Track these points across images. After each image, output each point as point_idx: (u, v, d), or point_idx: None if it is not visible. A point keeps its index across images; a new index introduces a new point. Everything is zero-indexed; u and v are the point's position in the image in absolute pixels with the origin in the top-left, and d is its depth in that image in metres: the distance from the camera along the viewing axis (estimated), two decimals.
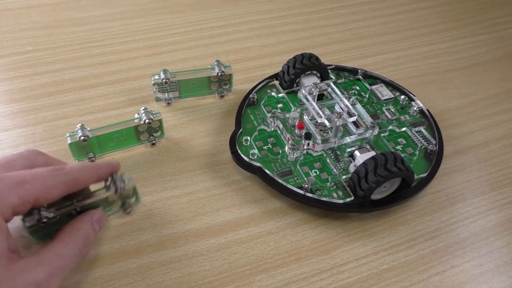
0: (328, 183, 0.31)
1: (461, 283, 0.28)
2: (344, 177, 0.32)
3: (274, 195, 0.32)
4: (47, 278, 0.23)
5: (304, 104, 0.35)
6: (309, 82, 0.38)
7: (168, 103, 0.39)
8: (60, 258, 0.24)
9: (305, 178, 0.32)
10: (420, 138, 0.35)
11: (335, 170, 0.32)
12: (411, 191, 0.31)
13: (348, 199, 0.30)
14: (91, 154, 0.33)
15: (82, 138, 0.32)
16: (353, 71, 0.42)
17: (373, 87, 0.40)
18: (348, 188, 0.31)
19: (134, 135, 0.34)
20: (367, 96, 0.39)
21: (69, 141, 0.32)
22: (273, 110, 0.37)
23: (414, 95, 0.39)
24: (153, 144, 0.35)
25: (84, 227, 0.25)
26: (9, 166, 0.25)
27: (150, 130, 0.35)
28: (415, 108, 0.38)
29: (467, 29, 0.52)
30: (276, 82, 0.40)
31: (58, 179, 0.24)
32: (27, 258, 0.23)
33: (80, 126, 0.32)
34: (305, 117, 0.35)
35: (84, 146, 0.33)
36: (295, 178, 0.32)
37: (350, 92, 0.40)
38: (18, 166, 0.25)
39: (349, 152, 0.34)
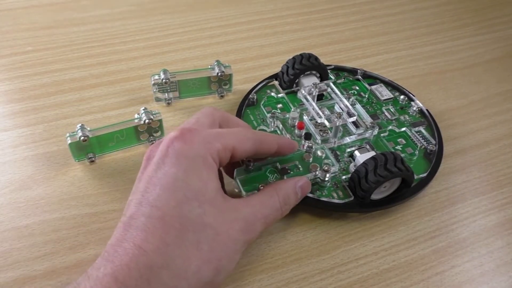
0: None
1: (461, 283, 0.28)
2: (344, 177, 0.32)
3: None
4: (253, 219, 0.25)
5: (303, 104, 0.35)
6: (309, 82, 0.38)
7: (168, 103, 0.39)
8: (264, 206, 0.26)
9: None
10: (420, 138, 0.35)
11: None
12: (411, 191, 0.31)
13: (348, 199, 0.30)
14: (91, 154, 0.33)
15: (82, 138, 0.32)
16: (353, 71, 0.42)
17: (373, 87, 0.40)
18: (348, 188, 0.31)
19: (134, 135, 0.34)
20: (366, 96, 0.39)
21: (69, 141, 0.32)
22: (273, 111, 0.37)
23: (413, 95, 0.39)
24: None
25: (287, 187, 0.28)
26: (199, 124, 0.27)
27: (150, 130, 0.35)
28: (414, 108, 0.38)
29: (467, 29, 0.52)
30: (276, 82, 0.40)
31: (248, 135, 0.27)
32: (237, 200, 0.25)
33: (80, 126, 0.32)
34: (305, 117, 0.35)
35: (84, 146, 0.33)
36: None
37: (350, 92, 0.40)
38: (206, 123, 0.27)
39: (349, 152, 0.34)
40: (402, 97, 0.39)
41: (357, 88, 0.40)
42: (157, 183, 0.22)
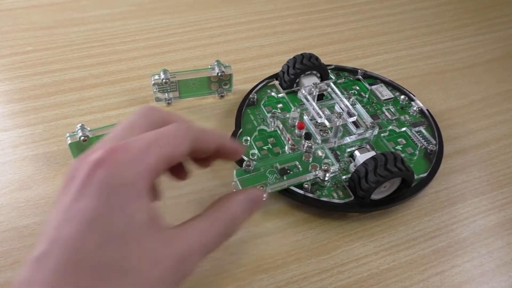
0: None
1: (461, 283, 0.28)
2: (344, 177, 0.32)
3: (274, 195, 0.32)
4: (189, 253, 0.21)
5: (304, 104, 0.35)
6: (309, 82, 0.38)
7: (168, 103, 0.39)
8: (204, 234, 0.22)
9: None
10: (420, 138, 0.35)
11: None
12: (411, 191, 0.31)
13: (348, 199, 0.30)
14: None
15: (82, 138, 0.32)
16: (353, 71, 0.42)
17: (373, 87, 0.40)
18: (348, 188, 0.31)
19: None
20: (367, 96, 0.39)
21: (69, 141, 0.32)
22: (273, 110, 0.37)
23: (414, 95, 0.39)
24: None
25: (234, 206, 0.24)
26: (134, 127, 0.23)
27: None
28: (415, 108, 0.38)
29: (467, 29, 0.52)
30: (276, 82, 0.40)
31: (184, 135, 0.23)
32: (168, 231, 0.21)
33: (80, 126, 0.32)
34: (305, 117, 0.35)
35: (84, 146, 0.33)
36: None
37: (350, 92, 0.40)
38: (142, 127, 0.23)
39: (349, 152, 0.34)
40: (402, 97, 0.39)
41: (358, 88, 0.40)
42: (74, 218, 0.19)
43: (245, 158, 0.32)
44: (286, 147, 0.33)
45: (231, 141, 0.26)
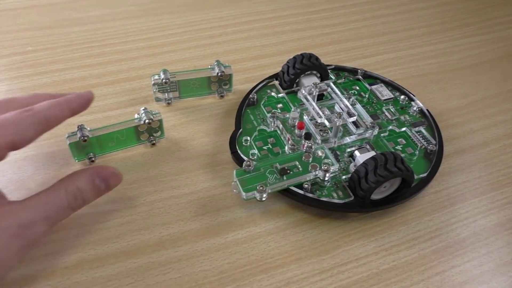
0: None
1: (461, 283, 0.28)
2: (344, 177, 0.32)
3: (274, 195, 0.32)
4: (30, 222, 0.23)
5: (304, 104, 0.35)
6: (309, 82, 0.38)
7: (168, 103, 0.39)
8: (46, 206, 0.23)
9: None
10: (420, 138, 0.35)
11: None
12: (411, 191, 0.31)
13: (348, 199, 0.30)
14: (91, 154, 0.33)
15: (82, 138, 0.32)
16: (353, 71, 0.42)
17: (373, 87, 0.40)
18: (348, 188, 0.31)
19: (134, 135, 0.34)
20: (367, 96, 0.39)
21: (69, 141, 0.32)
22: (273, 110, 0.37)
23: (414, 95, 0.39)
24: (153, 144, 0.35)
25: (80, 179, 0.25)
26: None
27: (150, 130, 0.35)
28: (415, 108, 0.38)
29: (467, 29, 0.52)
30: (276, 82, 0.40)
31: (29, 121, 0.24)
32: (11, 204, 0.23)
33: (80, 126, 0.32)
34: (305, 117, 0.35)
35: (84, 146, 0.33)
36: None
37: (350, 92, 0.40)
38: None
39: (349, 152, 0.34)
40: (402, 97, 0.39)
41: (358, 88, 0.40)
42: None
43: (245, 158, 0.32)
44: (286, 147, 0.33)
45: (76, 98, 0.27)
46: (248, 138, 0.34)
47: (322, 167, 0.30)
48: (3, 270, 0.22)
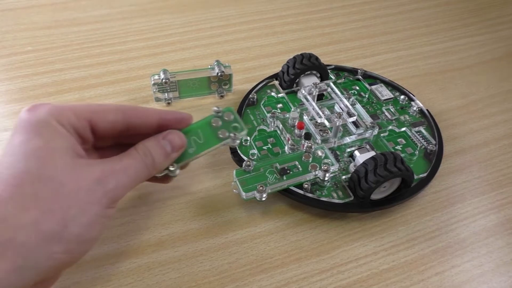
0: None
1: (461, 283, 0.28)
2: (344, 177, 0.32)
3: (274, 195, 0.32)
4: (110, 169, 0.23)
5: (303, 104, 0.35)
6: (309, 82, 0.38)
7: (168, 103, 0.39)
8: (122, 160, 0.24)
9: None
10: (420, 138, 0.35)
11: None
12: (411, 191, 0.31)
13: (348, 199, 0.30)
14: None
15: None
16: (353, 71, 0.42)
17: (373, 87, 0.40)
18: (348, 188, 0.31)
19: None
20: (366, 96, 0.39)
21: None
22: (272, 110, 0.37)
23: (413, 95, 0.39)
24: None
25: (147, 142, 0.26)
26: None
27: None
28: (414, 108, 0.38)
29: (467, 29, 0.52)
30: (276, 82, 0.40)
31: (110, 106, 0.26)
32: (91, 159, 0.24)
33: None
34: (305, 117, 0.35)
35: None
36: None
37: (350, 92, 0.40)
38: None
39: (349, 152, 0.34)
40: (402, 97, 0.39)
41: (357, 88, 0.40)
42: (4, 152, 0.23)
43: (245, 158, 0.32)
44: (286, 147, 0.33)
45: (175, 113, 0.27)
46: (248, 138, 0.34)
47: (322, 167, 0.30)
48: (84, 214, 0.22)
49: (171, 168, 0.27)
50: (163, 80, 0.37)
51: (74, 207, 0.22)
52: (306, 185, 0.31)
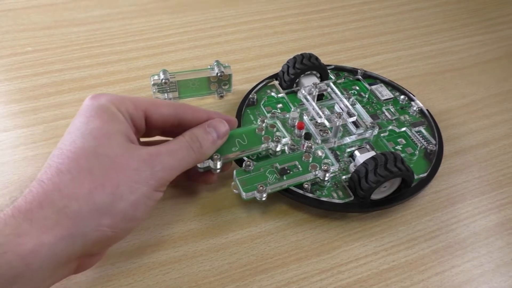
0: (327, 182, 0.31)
1: (461, 283, 0.28)
2: (344, 177, 0.32)
3: (274, 195, 0.32)
4: (157, 152, 0.25)
5: (303, 104, 0.35)
6: (309, 82, 0.38)
7: None
8: (170, 145, 0.26)
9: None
10: (420, 138, 0.35)
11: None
12: (411, 191, 0.31)
13: (348, 199, 0.30)
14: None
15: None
16: (353, 71, 0.42)
17: (373, 87, 0.40)
18: (348, 188, 0.31)
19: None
20: (366, 96, 0.39)
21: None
22: (272, 110, 0.37)
23: (413, 95, 0.39)
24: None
25: (194, 129, 0.28)
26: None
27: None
28: (414, 108, 0.38)
29: (467, 29, 0.52)
30: (276, 82, 0.40)
31: (168, 101, 0.28)
32: (142, 145, 0.26)
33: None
34: (305, 117, 0.35)
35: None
36: None
37: (350, 92, 0.40)
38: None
39: (349, 152, 0.34)
40: (402, 97, 0.39)
41: (357, 88, 0.40)
42: (66, 132, 0.25)
43: (245, 158, 0.32)
44: (286, 147, 0.33)
45: (222, 116, 0.30)
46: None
47: (322, 167, 0.30)
48: (132, 192, 0.24)
49: (215, 161, 0.29)
50: (163, 81, 0.37)
51: (123, 185, 0.23)
52: (306, 185, 0.31)
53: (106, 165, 0.23)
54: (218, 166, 0.30)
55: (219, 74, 0.38)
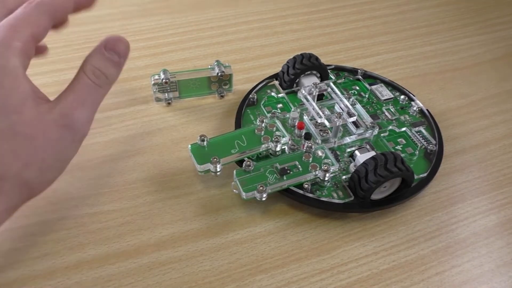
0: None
1: (461, 283, 0.28)
2: (344, 177, 0.32)
3: (274, 195, 0.32)
4: (70, 111, 0.25)
5: (304, 104, 0.35)
6: (309, 82, 0.38)
7: (168, 103, 0.39)
8: (76, 92, 0.25)
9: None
10: (420, 138, 0.35)
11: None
12: (411, 191, 0.31)
13: (348, 199, 0.30)
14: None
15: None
16: (353, 71, 0.42)
17: (373, 87, 0.40)
18: (348, 188, 0.31)
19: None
20: (366, 96, 0.39)
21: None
22: (273, 110, 0.37)
23: (414, 95, 0.39)
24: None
25: (91, 57, 0.27)
26: None
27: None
28: (415, 108, 0.38)
29: (467, 29, 0.52)
30: (276, 82, 0.40)
31: (37, 11, 0.25)
32: (50, 101, 0.25)
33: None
34: (305, 117, 0.35)
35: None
36: None
37: (350, 92, 0.40)
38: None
39: (349, 152, 0.34)
40: (402, 97, 0.39)
41: (357, 88, 0.40)
42: None
43: (245, 158, 0.32)
44: (286, 147, 0.33)
45: None
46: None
47: (322, 167, 0.30)
48: (59, 161, 0.25)
49: (215, 164, 0.30)
50: (163, 80, 0.37)
51: (48, 158, 0.24)
52: (306, 185, 0.31)
53: (27, 143, 0.23)
54: (218, 169, 0.30)
55: (219, 74, 0.38)
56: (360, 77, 0.41)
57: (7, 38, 0.23)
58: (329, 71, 0.41)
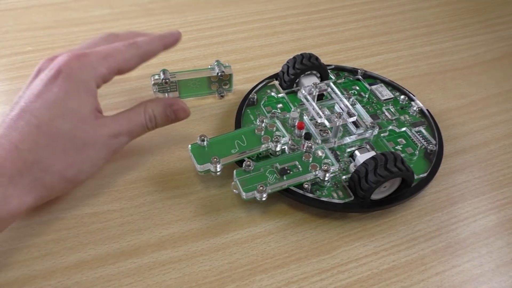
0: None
1: (461, 283, 0.28)
2: (344, 177, 0.32)
3: (274, 195, 0.32)
4: (118, 133, 0.30)
5: (304, 104, 0.35)
6: (309, 82, 0.38)
7: None
8: (130, 122, 0.30)
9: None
10: (420, 138, 0.35)
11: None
12: (411, 191, 0.31)
13: (348, 199, 0.30)
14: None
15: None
16: (353, 71, 0.42)
17: (373, 87, 0.40)
18: (348, 188, 0.31)
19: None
20: (367, 96, 0.39)
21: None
22: (273, 110, 0.37)
23: (414, 95, 0.39)
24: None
25: (157, 107, 0.32)
26: (96, 44, 0.32)
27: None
28: (415, 108, 0.38)
29: (467, 29, 0.52)
30: (276, 82, 0.40)
31: (133, 52, 0.31)
32: (107, 117, 0.30)
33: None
34: (305, 117, 0.35)
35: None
36: None
37: (350, 92, 0.40)
38: (102, 45, 0.31)
39: (349, 152, 0.34)
40: (402, 97, 0.39)
41: (357, 88, 0.40)
42: (41, 98, 0.27)
43: (245, 158, 0.32)
44: (286, 147, 0.33)
45: (169, 35, 0.34)
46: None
47: (322, 167, 0.30)
48: (93, 167, 0.29)
49: (215, 164, 0.30)
50: (163, 80, 0.37)
51: (88, 162, 0.29)
52: (306, 185, 0.31)
53: (79, 148, 0.28)
54: (218, 169, 0.30)
55: (219, 74, 0.38)
56: (360, 77, 0.41)
57: (98, 62, 0.29)
58: (329, 71, 0.41)
